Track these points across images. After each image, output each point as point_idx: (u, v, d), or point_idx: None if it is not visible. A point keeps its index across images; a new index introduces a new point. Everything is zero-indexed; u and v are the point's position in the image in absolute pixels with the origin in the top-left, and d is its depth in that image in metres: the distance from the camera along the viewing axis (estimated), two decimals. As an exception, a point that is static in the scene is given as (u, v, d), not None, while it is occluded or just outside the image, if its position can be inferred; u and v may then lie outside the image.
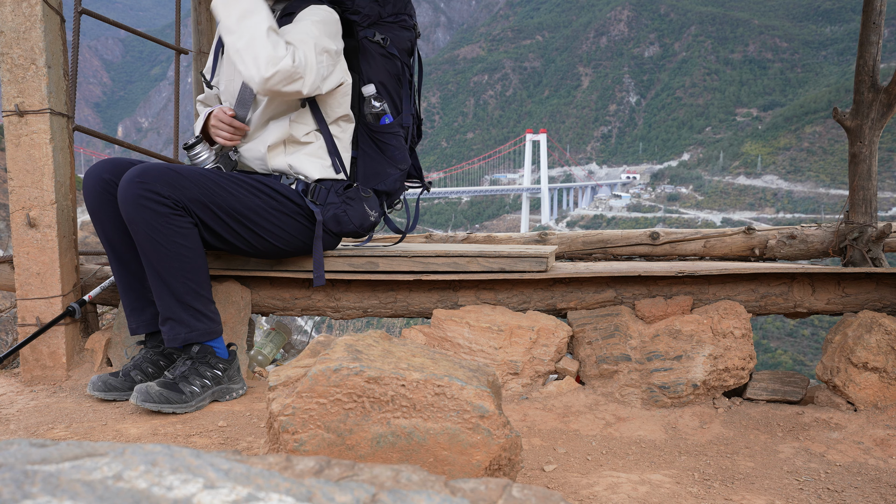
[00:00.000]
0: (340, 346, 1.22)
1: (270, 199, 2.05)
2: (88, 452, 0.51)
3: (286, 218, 2.08)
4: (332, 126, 2.18)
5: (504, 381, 2.11)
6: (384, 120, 2.23)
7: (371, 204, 2.19)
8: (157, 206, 1.87)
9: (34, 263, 2.23)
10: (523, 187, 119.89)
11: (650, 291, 2.27)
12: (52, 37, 2.21)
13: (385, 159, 2.24)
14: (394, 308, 2.40)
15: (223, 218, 1.98)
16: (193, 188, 1.92)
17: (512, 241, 3.15)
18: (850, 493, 1.49)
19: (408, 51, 2.28)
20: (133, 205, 1.86)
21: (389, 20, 2.22)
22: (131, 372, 2.08)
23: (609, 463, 1.64)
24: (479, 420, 1.14)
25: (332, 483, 0.49)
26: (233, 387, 2.08)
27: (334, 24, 2.11)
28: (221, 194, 1.97)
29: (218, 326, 2.06)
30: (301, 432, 1.15)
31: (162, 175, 1.88)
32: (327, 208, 2.12)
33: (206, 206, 1.94)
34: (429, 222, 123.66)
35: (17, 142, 2.19)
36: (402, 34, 2.24)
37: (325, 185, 2.15)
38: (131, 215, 1.87)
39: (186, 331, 1.99)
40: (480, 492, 0.51)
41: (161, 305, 1.99)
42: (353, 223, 2.15)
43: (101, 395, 2.04)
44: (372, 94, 2.21)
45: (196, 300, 1.99)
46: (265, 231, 2.06)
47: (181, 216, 1.91)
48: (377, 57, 2.21)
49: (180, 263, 1.93)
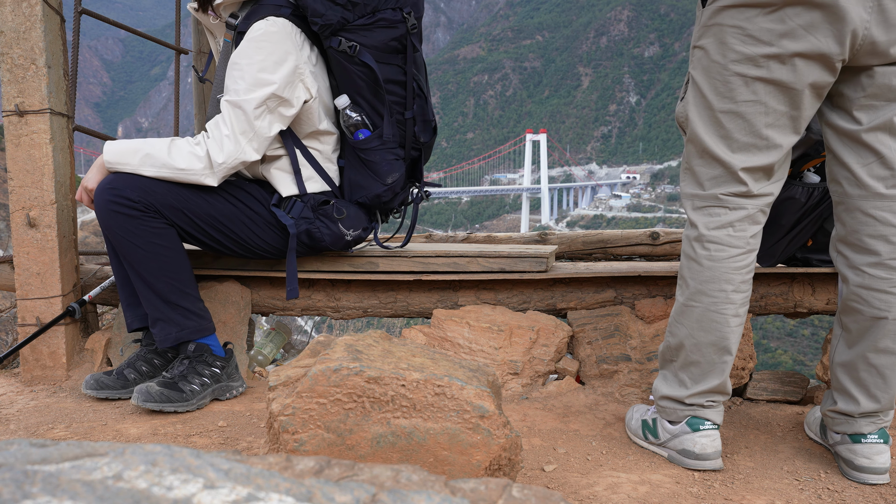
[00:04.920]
0: (340, 346, 1.22)
1: (246, 208, 2.05)
2: (88, 452, 0.51)
3: (261, 227, 2.07)
4: (310, 140, 2.10)
5: (504, 381, 2.11)
6: (357, 136, 2.07)
7: (348, 223, 2.11)
8: (128, 210, 1.90)
9: (34, 263, 2.23)
10: (523, 187, 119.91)
11: (650, 291, 2.27)
12: (52, 37, 2.21)
13: (368, 173, 2.12)
14: (394, 308, 2.40)
15: (199, 223, 2.00)
16: (167, 194, 1.94)
17: (512, 241, 3.15)
18: (850, 493, 1.49)
19: (395, 50, 2.05)
20: (105, 211, 1.91)
21: (361, 23, 1.97)
22: (125, 370, 2.09)
23: (609, 463, 1.64)
24: (479, 420, 1.14)
25: (332, 483, 0.49)
26: (232, 384, 2.09)
27: (280, 42, 1.93)
28: (196, 200, 1.97)
29: (209, 324, 2.07)
30: (301, 432, 1.15)
31: (133, 181, 1.91)
32: (300, 223, 2.07)
33: (180, 212, 1.96)
34: (429, 222, 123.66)
35: (17, 142, 2.19)
36: (380, 35, 2.00)
37: (303, 199, 2.08)
38: (106, 222, 1.92)
39: (177, 330, 2.01)
40: (480, 492, 0.51)
41: (149, 308, 2.01)
42: (325, 240, 2.10)
43: (94, 392, 2.04)
44: (345, 105, 2.05)
45: (182, 298, 2.00)
46: (241, 238, 2.06)
47: (154, 218, 1.93)
48: (348, 67, 2.01)
49: (160, 263, 1.95)
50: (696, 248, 1.55)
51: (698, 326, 1.55)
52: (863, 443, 1.56)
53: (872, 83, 1.45)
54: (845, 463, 1.58)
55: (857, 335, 1.56)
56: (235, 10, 2.05)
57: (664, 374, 1.66)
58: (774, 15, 1.37)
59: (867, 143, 1.48)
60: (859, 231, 1.53)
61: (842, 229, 1.57)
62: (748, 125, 1.47)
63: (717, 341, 1.55)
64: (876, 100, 1.46)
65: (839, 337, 1.61)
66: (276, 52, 1.92)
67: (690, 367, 1.59)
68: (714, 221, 1.54)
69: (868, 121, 1.48)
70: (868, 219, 1.51)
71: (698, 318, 1.55)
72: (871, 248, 1.52)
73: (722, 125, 1.49)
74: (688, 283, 1.57)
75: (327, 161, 2.14)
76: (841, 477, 1.57)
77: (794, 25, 1.37)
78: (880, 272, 1.51)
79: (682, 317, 1.59)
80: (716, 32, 1.45)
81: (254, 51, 1.92)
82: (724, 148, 1.49)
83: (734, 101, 1.46)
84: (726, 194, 1.52)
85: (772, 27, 1.38)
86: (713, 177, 1.53)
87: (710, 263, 1.54)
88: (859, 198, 1.52)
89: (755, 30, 1.40)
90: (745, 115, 1.46)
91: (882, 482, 1.53)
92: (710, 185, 1.54)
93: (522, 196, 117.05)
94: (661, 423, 1.65)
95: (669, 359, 1.64)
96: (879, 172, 1.49)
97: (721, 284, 1.53)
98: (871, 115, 1.47)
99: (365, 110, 2.06)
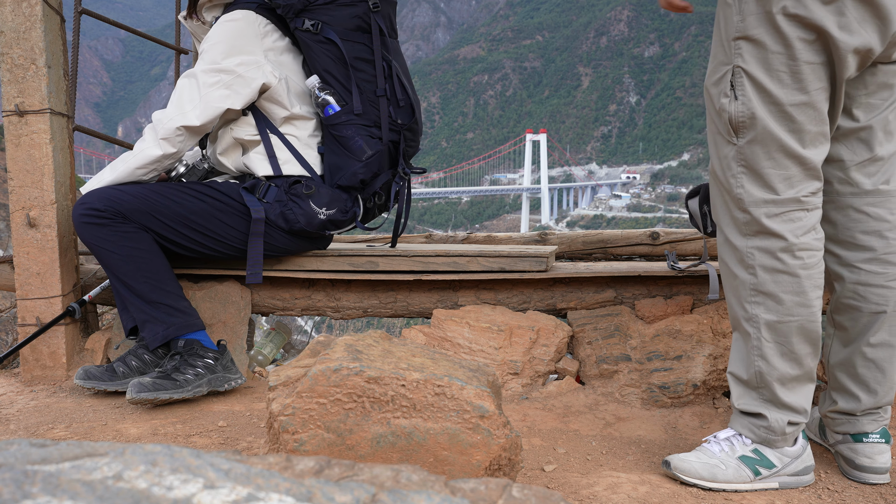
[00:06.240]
0: (340, 346, 1.22)
1: (216, 202, 2.09)
2: (88, 452, 0.51)
3: (234, 218, 2.10)
4: (286, 125, 2.16)
5: (504, 381, 2.11)
6: (327, 111, 2.13)
7: (319, 200, 2.12)
8: (97, 219, 1.99)
9: (34, 263, 2.23)
10: (523, 187, 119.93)
11: (650, 291, 2.27)
12: (52, 37, 2.21)
13: (344, 152, 2.14)
14: (394, 308, 2.40)
15: (170, 225, 2.04)
16: (133, 200, 2.00)
17: (512, 241, 3.15)
18: (850, 493, 1.49)
19: (361, 29, 2.13)
20: (79, 225, 2.00)
21: (322, 2, 2.08)
22: (115, 364, 2.12)
23: (609, 463, 1.64)
24: (479, 420, 1.14)
25: (332, 483, 0.49)
26: (230, 376, 2.09)
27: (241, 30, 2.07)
28: (164, 202, 2.03)
29: (195, 319, 2.10)
30: (301, 432, 1.15)
31: (99, 193, 2.01)
32: (275, 206, 2.11)
33: (149, 215, 2.01)
34: (429, 222, 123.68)
35: (17, 142, 2.19)
36: (341, 13, 2.10)
37: (275, 183, 2.13)
38: (82, 235, 2.01)
39: (164, 328, 2.04)
40: (480, 492, 0.51)
41: (135, 312, 2.06)
42: (299, 221, 2.11)
43: (81, 382, 2.06)
44: (314, 85, 2.12)
45: (164, 297, 2.05)
46: (215, 233, 2.09)
47: (123, 223, 2.00)
48: (313, 45, 2.11)
49: (136, 265, 2.02)
50: (786, 258, 1.43)
51: (800, 339, 1.46)
52: (864, 442, 1.55)
53: (875, 81, 1.45)
54: (846, 462, 1.57)
55: (853, 333, 1.55)
56: (218, 14, 2.18)
57: (760, 403, 1.51)
58: (833, 6, 1.34)
59: (862, 139, 1.48)
60: (852, 228, 1.51)
61: (830, 228, 1.54)
62: (818, 114, 1.41)
63: (814, 350, 1.48)
64: (875, 97, 1.46)
65: (832, 336, 1.60)
66: (237, 38, 2.06)
67: (792, 382, 1.49)
68: (800, 227, 1.44)
69: (865, 118, 1.48)
70: (860, 215, 1.50)
71: (798, 331, 1.46)
72: (865, 244, 1.51)
73: (793, 119, 1.40)
74: (780, 298, 1.45)
75: (305, 147, 2.18)
76: (841, 477, 1.58)
77: (850, 18, 1.35)
78: (876, 267, 1.50)
79: (777, 336, 1.46)
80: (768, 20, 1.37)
81: (215, 34, 2.07)
82: (797, 143, 1.41)
83: (807, 91, 1.39)
84: (806, 195, 1.44)
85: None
86: (787, 178, 1.43)
87: (806, 272, 1.44)
88: (851, 195, 1.51)
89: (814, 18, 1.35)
90: (816, 104, 1.40)
91: (883, 482, 1.53)
92: (784, 189, 1.43)
93: (522, 196, 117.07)
94: (771, 452, 1.51)
95: (761, 385, 1.50)
96: (871, 169, 1.49)
97: (817, 292, 1.46)
98: (869, 112, 1.47)
99: (335, 88, 2.13)
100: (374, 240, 2.74)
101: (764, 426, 1.50)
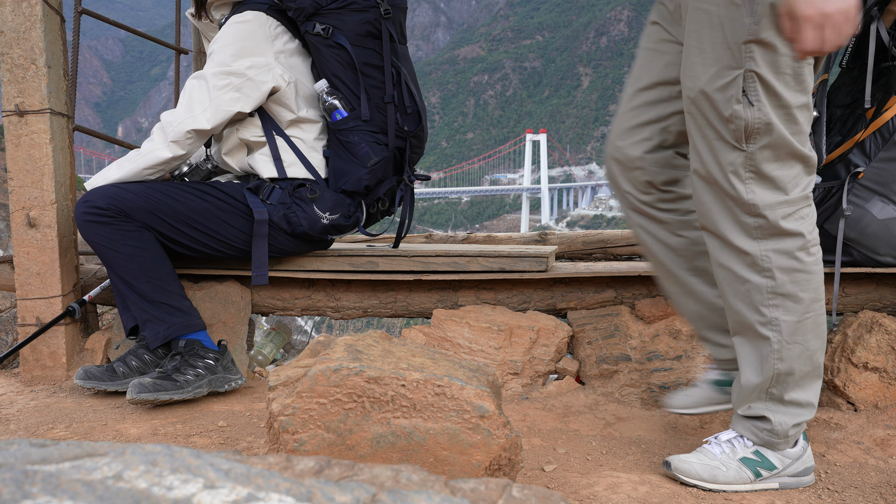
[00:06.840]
0: (340, 346, 1.22)
1: (219, 202, 2.08)
2: (88, 452, 0.51)
3: (237, 218, 2.09)
4: (292, 128, 2.15)
5: (504, 381, 2.11)
6: (335, 116, 2.12)
7: (323, 205, 2.12)
8: (100, 218, 1.98)
9: (34, 263, 2.23)
10: (523, 187, 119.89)
11: (650, 291, 2.27)
12: (52, 37, 2.21)
13: (349, 157, 2.13)
14: (394, 308, 2.40)
15: (173, 224, 2.04)
16: (136, 199, 2.00)
17: (512, 241, 3.15)
18: (850, 493, 1.49)
19: (371, 34, 2.10)
20: (81, 224, 2.00)
21: (333, 7, 2.05)
22: (115, 364, 2.12)
23: (609, 463, 1.64)
24: (479, 420, 1.14)
25: (332, 483, 0.49)
26: (230, 377, 2.09)
27: (252, 32, 2.05)
28: (166, 201, 2.03)
29: (195, 320, 2.10)
30: (301, 432, 1.15)
31: (102, 191, 2.01)
32: (278, 208, 2.10)
33: (151, 214, 2.01)
34: (429, 222, 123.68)
35: (17, 142, 2.19)
36: (352, 18, 2.07)
37: (279, 185, 2.12)
38: (84, 234, 2.01)
39: (165, 327, 2.04)
40: (480, 492, 0.52)
41: (136, 311, 2.06)
42: (302, 224, 2.11)
43: (81, 382, 2.06)
44: (322, 89, 2.11)
45: (165, 296, 2.05)
46: (218, 233, 2.09)
47: (126, 222, 2.00)
48: (323, 49, 2.09)
49: (138, 264, 2.02)
50: (802, 256, 1.44)
51: (813, 335, 1.46)
52: None
53: None
54: None
55: None
56: (226, 12, 2.17)
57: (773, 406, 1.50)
58: None
59: None
60: None
61: None
62: (811, 113, 1.43)
63: (823, 345, 1.49)
64: None
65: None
66: (248, 40, 2.05)
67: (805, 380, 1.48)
68: (809, 223, 1.45)
69: None
70: None
71: (812, 327, 1.46)
72: None
73: (797, 121, 1.40)
74: (799, 297, 1.44)
75: (311, 150, 2.17)
76: (841, 477, 1.58)
77: None
78: None
79: (797, 335, 1.46)
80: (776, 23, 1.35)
81: (225, 36, 2.05)
82: (800, 144, 1.42)
83: (806, 92, 1.40)
84: (809, 192, 1.45)
85: None
86: (792, 177, 1.43)
87: (818, 267, 1.45)
88: None
89: None
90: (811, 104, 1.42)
91: None
92: (792, 188, 1.43)
93: (522, 196, 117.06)
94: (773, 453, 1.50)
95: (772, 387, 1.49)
96: None
97: (823, 285, 1.47)
98: None
99: (343, 93, 2.12)
100: (375, 240, 2.74)
101: (767, 429, 1.49)
